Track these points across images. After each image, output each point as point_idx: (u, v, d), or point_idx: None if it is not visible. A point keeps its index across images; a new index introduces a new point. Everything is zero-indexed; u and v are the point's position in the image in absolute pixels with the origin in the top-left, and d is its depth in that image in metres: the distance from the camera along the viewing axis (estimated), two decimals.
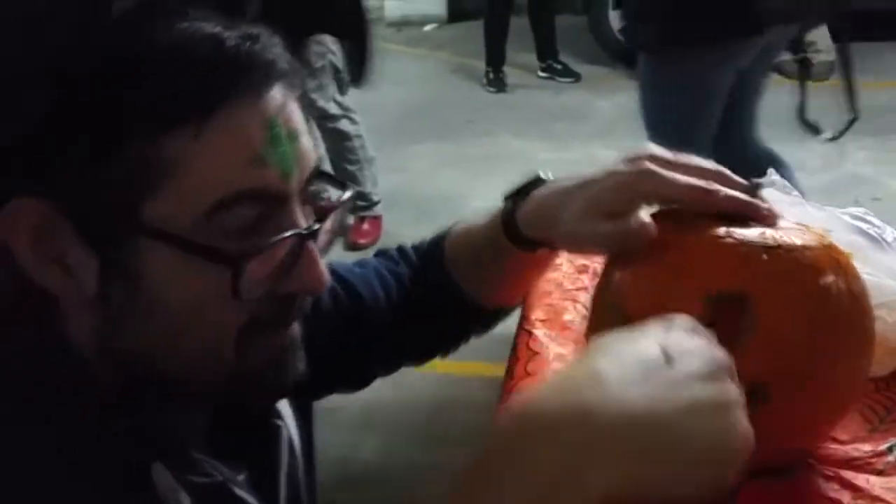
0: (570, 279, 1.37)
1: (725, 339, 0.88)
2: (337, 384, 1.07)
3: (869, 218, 1.20)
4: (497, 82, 5.88)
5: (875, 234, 1.17)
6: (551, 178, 1.01)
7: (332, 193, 0.81)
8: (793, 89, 5.53)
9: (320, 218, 0.75)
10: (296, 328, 0.79)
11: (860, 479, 0.95)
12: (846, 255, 0.95)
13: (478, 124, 3.28)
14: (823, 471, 0.96)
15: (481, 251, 1.05)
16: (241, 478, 0.81)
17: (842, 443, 1.00)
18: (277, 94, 0.71)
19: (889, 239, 1.17)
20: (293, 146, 0.72)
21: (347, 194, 0.80)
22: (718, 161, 0.95)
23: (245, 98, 0.69)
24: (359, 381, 1.11)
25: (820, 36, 5.84)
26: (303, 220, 0.74)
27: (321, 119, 3.68)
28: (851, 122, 2.81)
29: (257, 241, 0.70)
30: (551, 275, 1.32)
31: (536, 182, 1.01)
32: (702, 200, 0.91)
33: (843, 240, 1.13)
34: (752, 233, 0.92)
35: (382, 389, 1.16)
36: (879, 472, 0.96)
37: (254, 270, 0.70)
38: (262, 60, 0.69)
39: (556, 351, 1.20)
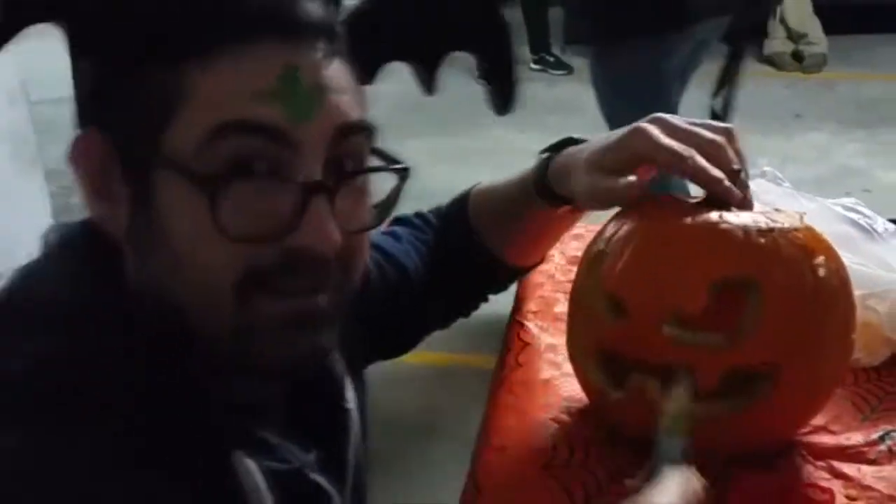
0: (562, 271, 1.37)
1: (733, 326, 0.89)
2: (381, 355, 1.09)
3: (860, 208, 1.21)
4: None
5: (866, 225, 1.17)
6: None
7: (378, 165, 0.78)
8: (786, 82, 5.56)
9: (340, 180, 0.73)
10: (319, 302, 0.75)
11: (851, 469, 0.95)
12: (823, 235, 0.96)
13: (471, 117, 3.28)
14: (815, 461, 0.96)
15: (508, 206, 1.09)
16: (310, 457, 0.81)
17: (833, 433, 1.00)
18: (311, 48, 0.71)
19: (880, 229, 1.18)
20: (313, 98, 0.71)
21: (394, 168, 0.78)
22: None
23: (263, 40, 0.70)
24: (400, 351, 1.14)
25: (812, 28, 5.87)
26: (318, 176, 0.72)
27: None
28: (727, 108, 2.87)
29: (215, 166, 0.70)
30: (543, 266, 1.32)
31: (570, 141, 1.04)
32: (672, 164, 0.92)
33: (834, 230, 1.13)
34: (744, 218, 0.92)
35: (374, 381, 1.16)
36: (871, 462, 0.96)
37: (237, 205, 0.69)
38: (294, 11, 0.71)
39: (547, 342, 1.20)
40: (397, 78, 0.95)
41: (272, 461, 0.76)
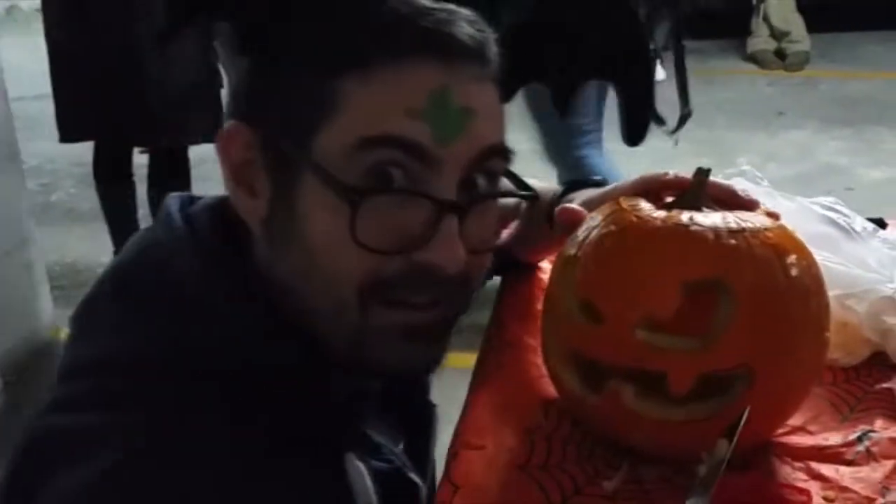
0: (545, 270, 1.36)
1: (706, 329, 0.89)
2: None
3: (838, 207, 1.20)
4: None
5: (845, 224, 1.17)
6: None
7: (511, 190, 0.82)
8: (769, 80, 5.57)
9: (473, 201, 0.76)
10: (435, 315, 0.78)
11: (829, 470, 0.94)
12: (795, 233, 0.96)
13: None
14: (792, 461, 0.96)
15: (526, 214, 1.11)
16: (399, 449, 0.83)
17: (811, 433, 1.00)
18: (463, 70, 0.74)
19: (858, 228, 1.17)
20: (461, 119, 0.74)
21: (522, 194, 0.82)
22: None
23: (420, 59, 0.73)
24: None
25: (795, 26, 5.89)
26: (453, 195, 0.74)
27: None
28: (685, 118, 2.92)
29: (359, 178, 0.73)
30: (524, 266, 1.32)
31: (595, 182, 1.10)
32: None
33: (813, 230, 1.13)
34: (714, 219, 0.92)
35: None
36: (849, 462, 0.96)
37: (375, 218, 0.72)
38: (451, 34, 0.73)
39: (528, 342, 1.19)
40: None
41: (377, 460, 0.79)
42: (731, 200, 0.98)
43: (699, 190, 0.97)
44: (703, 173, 0.96)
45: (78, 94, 3.06)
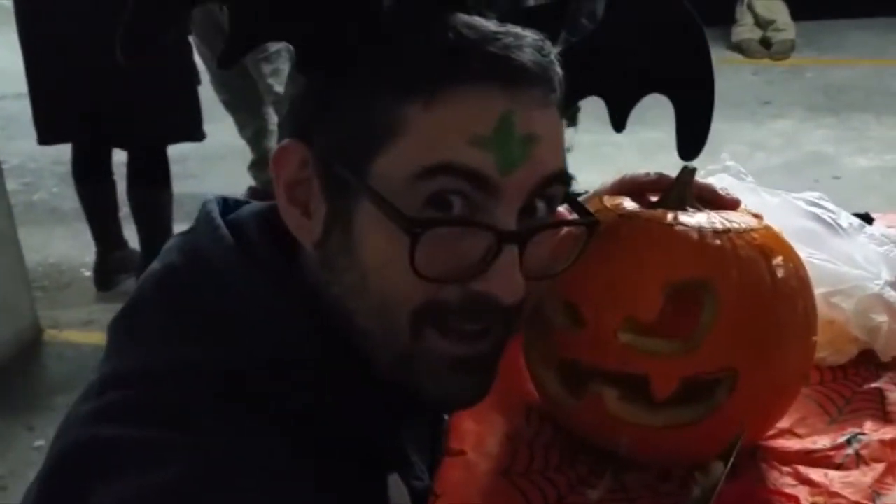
0: None
1: (690, 332, 0.87)
2: None
3: (824, 203, 1.18)
4: None
5: (830, 220, 1.15)
6: None
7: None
8: (754, 69, 5.56)
9: (533, 230, 0.74)
10: (488, 345, 0.77)
11: (818, 474, 0.92)
12: (781, 234, 0.94)
13: None
14: (780, 466, 0.94)
15: None
16: (425, 463, 0.83)
17: (799, 436, 0.98)
18: (528, 96, 0.72)
19: (844, 224, 1.15)
20: (525, 147, 0.72)
21: (584, 221, 0.81)
22: None
23: (485, 85, 0.71)
24: None
25: (780, 14, 5.88)
26: (513, 224, 0.73)
27: (277, 104, 3.63)
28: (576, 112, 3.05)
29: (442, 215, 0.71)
30: None
31: None
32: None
33: (798, 226, 1.11)
34: (699, 219, 0.90)
35: None
36: (838, 466, 0.94)
37: (434, 247, 0.71)
38: (516, 60, 0.72)
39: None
40: None
41: (414, 479, 0.79)
42: (712, 199, 0.96)
43: (684, 189, 0.95)
44: (688, 172, 0.94)
45: (54, 95, 3.02)
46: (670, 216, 0.90)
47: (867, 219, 1.23)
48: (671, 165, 0.97)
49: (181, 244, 0.80)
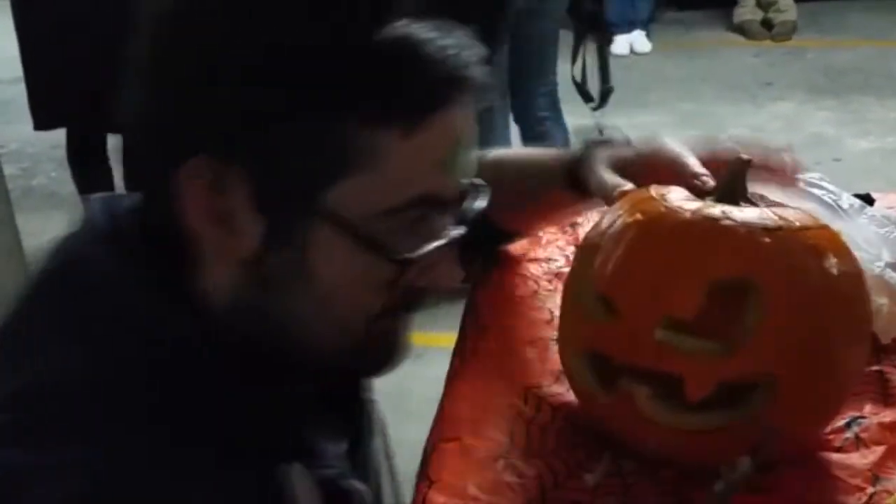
0: (522, 251, 1.33)
1: (730, 330, 0.83)
2: None
3: (824, 184, 1.17)
4: None
5: (831, 201, 1.14)
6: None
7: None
8: (756, 50, 5.53)
9: (460, 222, 0.76)
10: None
11: (817, 458, 0.91)
12: (839, 235, 0.91)
13: None
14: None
15: (527, 181, 1.13)
16: (342, 452, 0.81)
17: None
18: (470, 108, 0.73)
19: (845, 206, 1.14)
20: (468, 156, 0.74)
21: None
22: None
23: (454, 106, 0.70)
24: None
25: None
26: (452, 229, 0.75)
27: None
28: (608, 93, 3.03)
29: (416, 240, 0.72)
30: (502, 249, 1.29)
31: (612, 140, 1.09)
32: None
33: (799, 207, 1.09)
34: (749, 215, 0.86)
35: None
36: (837, 450, 0.93)
37: (412, 269, 0.73)
38: (473, 71, 0.71)
39: (504, 324, 1.16)
40: None
41: (321, 468, 0.77)
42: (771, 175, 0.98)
43: (736, 181, 0.91)
44: (740, 163, 0.91)
45: (50, 82, 3.00)
46: (718, 210, 0.86)
47: (868, 200, 1.22)
48: None
49: (59, 248, 0.76)
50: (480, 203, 0.78)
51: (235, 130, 0.68)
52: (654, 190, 0.92)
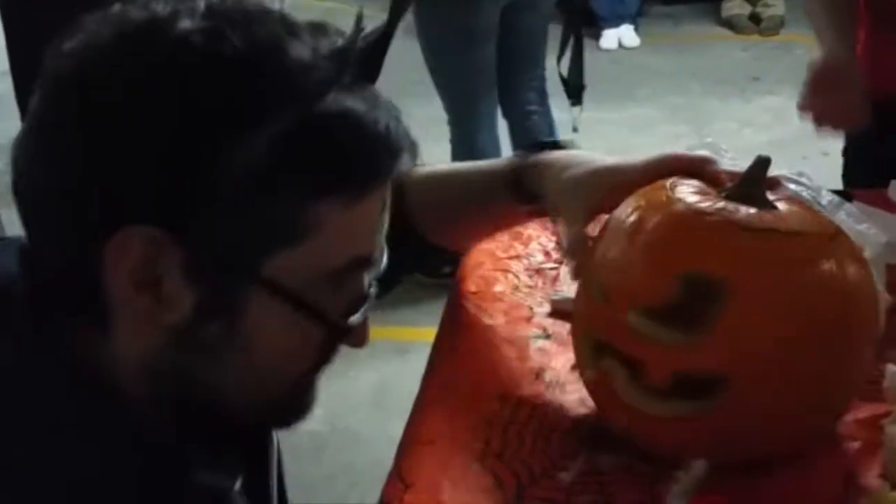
0: (503, 247, 1.32)
1: (695, 325, 0.85)
2: None
3: (804, 180, 1.17)
4: None
5: (810, 197, 1.13)
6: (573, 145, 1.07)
7: None
8: (744, 45, 5.53)
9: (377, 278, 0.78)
10: None
11: (793, 454, 0.91)
12: (855, 246, 0.90)
13: (424, 85, 3.24)
14: None
15: (466, 195, 1.09)
16: (237, 486, 0.78)
17: None
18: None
19: (824, 202, 1.14)
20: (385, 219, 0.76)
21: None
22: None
23: (390, 175, 0.73)
24: None
25: None
26: (370, 284, 0.77)
27: None
28: (580, 90, 3.11)
29: (344, 300, 0.74)
30: (485, 245, 1.28)
31: (555, 144, 1.07)
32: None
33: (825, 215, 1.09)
34: (745, 213, 0.87)
35: None
36: (814, 446, 0.93)
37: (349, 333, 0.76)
38: (405, 141, 0.73)
39: (485, 323, 1.16)
40: None
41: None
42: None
43: (752, 181, 0.91)
44: (759, 165, 0.91)
45: (36, 78, 2.98)
46: (712, 205, 0.88)
47: (847, 196, 1.22)
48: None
49: None
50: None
51: (171, 204, 0.66)
52: (671, 180, 0.93)
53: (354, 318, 0.75)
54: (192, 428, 0.74)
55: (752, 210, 0.88)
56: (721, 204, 0.88)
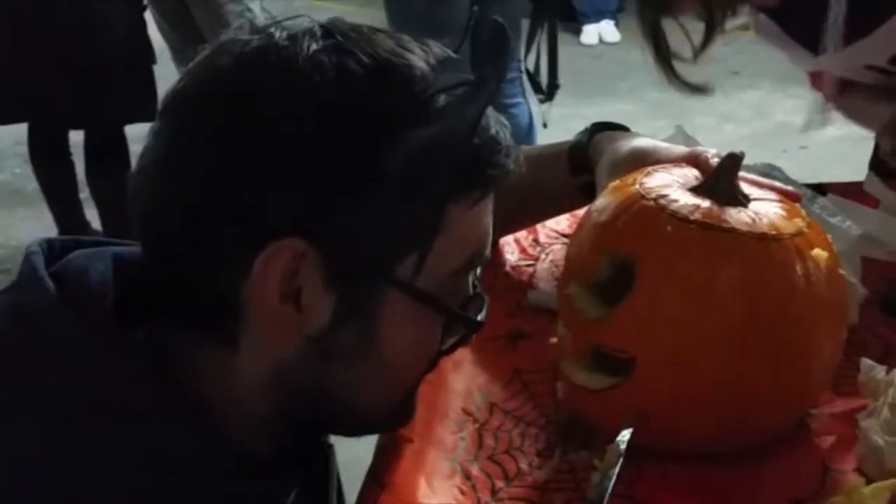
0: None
1: (614, 302, 0.88)
2: None
3: (776, 174, 1.17)
4: None
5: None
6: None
7: None
8: (724, 39, 5.53)
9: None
10: None
11: (768, 449, 0.91)
12: (822, 250, 0.89)
13: None
14: None
15: (542, 171, 1.10)
16: (290, 498, 0.78)
17: None
18: None
19: None
20: None
21: None
22: None
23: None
24: None
25: None
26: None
27: None
28: (554, 89, 3.11)
29: (458, 299, 0.76)
30: None
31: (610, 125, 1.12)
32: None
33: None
34: (683, 202, 0.88)
35: None
36: (788, 440, 0.93)
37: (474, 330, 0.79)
38: (513, 141, 0.75)
39: None
40: None
41: None
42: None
43: (722, 176, 0.92)
44: (729, 160, 0.93)
45: (5, 76, 2.96)
46: (660, 193, 0.90)
47: (820, 190, 1.22)
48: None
49: (3, 308, 0.72)
50: None
51: (315, 215, 0.68)
52: (654, 168, 0.96)
53: (481, 315, 0.78)
54: (294, 438, 0.77)
55: (702, 203, 0.89)
56: (673, 194, 0.89)
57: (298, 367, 0.72)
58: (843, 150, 4.13)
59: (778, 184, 0.99)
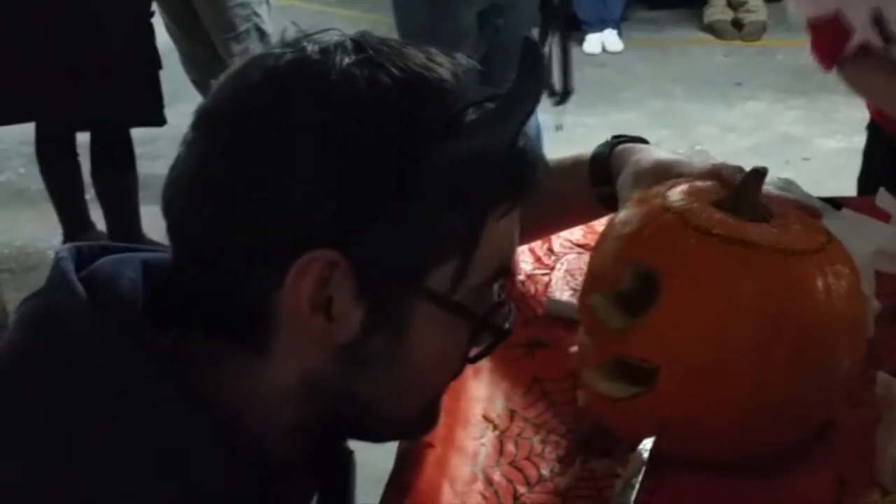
0: None
1: (636, 313, 0.89)
2: None
3: (793, 188, 1.18)
4: None
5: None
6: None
7: None
8: (726, 50, 5.56)
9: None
10: None
11: (781, 460, 0.92)
12: (838, 265, 0.90)
13: None
14: None
15: (563, 182, 1.11)
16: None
17: None
18: None
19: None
20: None
21: None
22: None
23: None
24: None
25: None
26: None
27: None
28: (568, 94, 3.20)
29: (486, 307, 0.76)
30: None
31: (630, 138, 1.12)
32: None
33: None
34: (707, 216, 0.89)
35: None
36: (801, 451, 0.94)
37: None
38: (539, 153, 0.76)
39: None
40: None
41: None
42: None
43: (742, 191, 0.93)
44: (752, 175, 0.93)
45: (8, 76, 2.95)
46: (685, 206, 0.90)
47: (835, 204, 1.24)
48: None
49: (30, 313, 0.73)
50: None
51: (349, 226, 0.69)
52: (680, 181, 0.96)
53: (508, 324, 0.78)
54: (317, 444, 0.78)
55: (725, 217, 0.90)
56: (697, 207, 0.90)
57: (327, 374, 0.73)
58: (843, 161, 4.15)
59: (798, 199, 1.00)
